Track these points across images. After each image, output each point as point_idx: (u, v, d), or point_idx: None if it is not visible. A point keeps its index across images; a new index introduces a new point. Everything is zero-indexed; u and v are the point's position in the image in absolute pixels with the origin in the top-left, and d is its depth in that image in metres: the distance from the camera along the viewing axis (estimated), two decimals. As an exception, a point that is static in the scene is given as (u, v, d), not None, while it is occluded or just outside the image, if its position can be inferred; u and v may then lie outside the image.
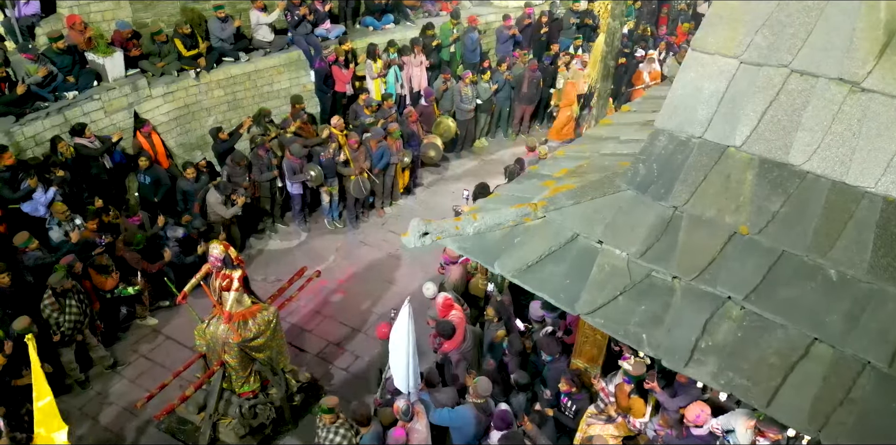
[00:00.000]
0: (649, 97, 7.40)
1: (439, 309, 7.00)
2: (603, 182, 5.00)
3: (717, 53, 4.74)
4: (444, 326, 6.80)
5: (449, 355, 6.88)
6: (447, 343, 6.85)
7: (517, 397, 6.45)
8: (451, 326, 6.78)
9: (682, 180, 4.64)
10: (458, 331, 6.79)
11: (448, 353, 6.87)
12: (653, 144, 4.86)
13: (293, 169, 9.78)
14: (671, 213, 4.60)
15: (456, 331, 6.77)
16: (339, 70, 11.33)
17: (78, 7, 9.26)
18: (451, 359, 6.84)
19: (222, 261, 6.53)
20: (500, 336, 6.89)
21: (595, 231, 4.67)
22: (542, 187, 5.45)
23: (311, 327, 8.74)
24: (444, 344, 6.90)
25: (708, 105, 4.70)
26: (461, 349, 6.86)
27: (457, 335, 6.78)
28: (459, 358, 6.84)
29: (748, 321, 4.01)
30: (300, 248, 10.25)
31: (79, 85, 8.92)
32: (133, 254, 8.02)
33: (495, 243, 4.85)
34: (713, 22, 4.85)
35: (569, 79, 12.25)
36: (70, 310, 7.19)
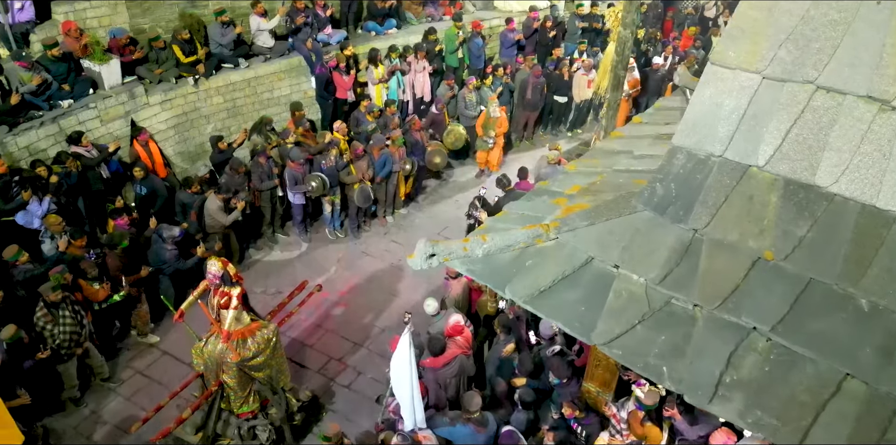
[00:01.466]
0: (662, 108, 7.19)
1: (446, 329, 6.79)
2: (618, 202, 4.79)
3: (738, 68, 4.54)
4: (435, 343, 6.60)
5: (423, 371, 6.66)
6: (430, 359, 6.65)
7: (517, 415, 6.25)
8: (441, 344, 6.59)
9: (702, 202, 4.43)
10: (445, 353, 6.59)
11: (424, 368, 6.67)
12: (670, 163, 4.65)
13: (295, 179, 9.56)
14: (691, 236, 4.39)
15: (444, 352, 6.58)
16: (340, 76, 11.11)
17: (73, 13, 9.02)
18: (424, 376, 6.64)
19: (220, 278, 6.32)
20: (510, 351, 6.68)
21: (611, 255, 4.47)
22: (553, 206, 5.24)
23: (312, 341, 8.52)
24: (428, 359, 6.69)
25: (728, 122, 4.50)
26: (439, 371, 6.65)
27: (443, 356, 6.58)
28: (433, 380, 6.67)
29: (775, 354, 3.80)
30: (301, 259, 10.03)
31: (74, 93, 8.69)
32: (114, 260, 7.72)
33: (506, 265, 4.64)
34: (734, 35, 4.64)
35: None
36: (64, 321, 6.96)
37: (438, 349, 6.58)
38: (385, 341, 8.53)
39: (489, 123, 11.46)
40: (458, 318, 6.85)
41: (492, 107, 11.32)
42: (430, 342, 6.63)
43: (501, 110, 11.53)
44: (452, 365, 6.64)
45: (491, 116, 11.41)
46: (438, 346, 6.57)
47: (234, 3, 10.80)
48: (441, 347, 6.57)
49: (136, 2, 9.71)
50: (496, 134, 11.57)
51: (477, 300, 7.86)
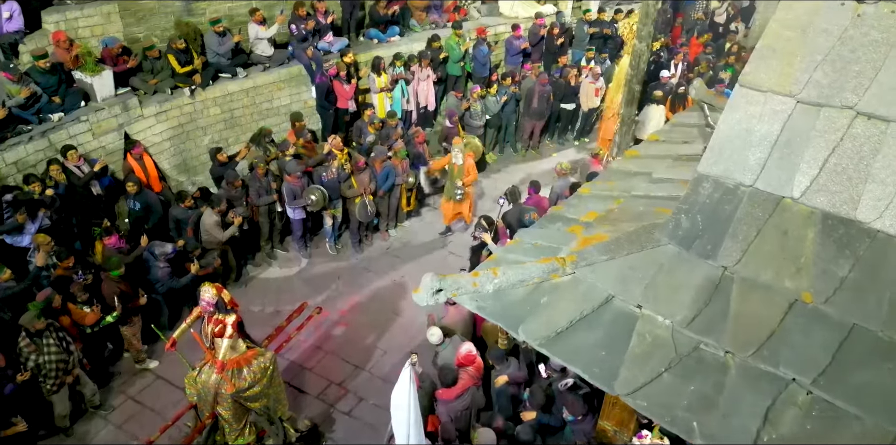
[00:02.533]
0: (678, 124, 6.85)
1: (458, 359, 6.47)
2: (640, 234, 4.45)
3: (770, 91, 4.20)
4: (448, 374, 6.30)
5: (436, 404, 6.42)
6: (443, 391, 6.34)
7: None
8: (454, 375, 6.28)
9: (732, 236, 4.09)
10: (458, 385, 6.28)
11: (437, 401, 6.41)
12: (696, 192, 4.31)
13: (293, 193, 9.23)
14: (720, 274, 4.06)
15: (456, 383, 6.26)
16: (341, 85, 10.78)
17: (65, 22, 8.71)
18: (437, 409, 6.38)
19: (215, 305, 6.03)
20: (501, 382, 6.38)
21: (633, 293, 4.13)
22: (568, 235, 4.91)
23: (312, 364, 8.19)
24: (440, 390, 6.38)
25: (759, 149, 4.16)
26: (452, 404, 6.34)
27: (456, 388, 6.27)
28: (445, 413, 6.38)
29: (817, 409, 3.46)
30: (301, 275, 9.70)
31: (65, 106, 8.38)
32: (111, 285, 7.37)
33: (519, 303, 4.31)
34: (765, 55, 4.31)
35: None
36: (49, 350, 6.63)
37: (451, 380, 6.26)
38: (388, 363, 8.23)
39: (454, 172, 9.83)
40: (470, 347, 6.52)
41: (455, 151, 9.68)
42: (442, 372, 6.31)
43: (468, 156, 9.92)
44: (465, 397, 6.33)
45: (454, 162, 9.79)
46: (451, 377, 6.25)
47: (232, 11, 10.49)
48: (453, 378, 6.25)
49: (130, 10, 9.39)
50: (464, 184, 9.95)
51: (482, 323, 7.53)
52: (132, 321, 7.72)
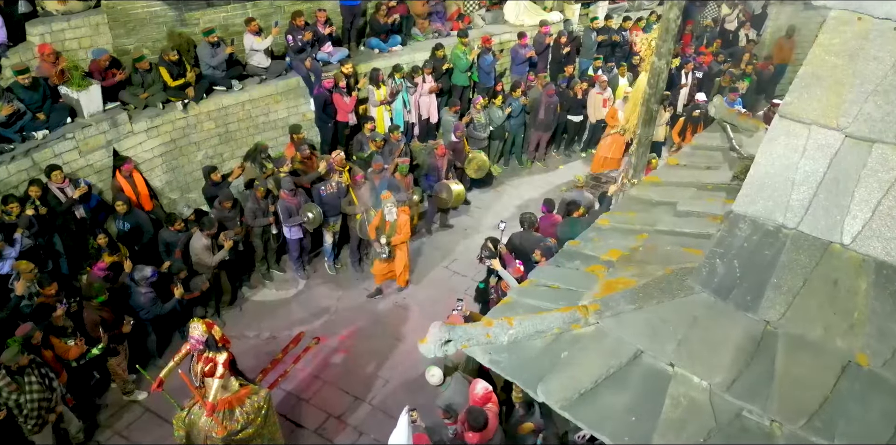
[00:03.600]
0: (699, 147, 6.44)
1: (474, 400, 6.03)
2: (670, 280, 4.03)
3: (815, 123, 3.78)
4: (478, 416, 5.80)
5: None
6: (472, 435, 5.90)
7: None
8: (485, 417, 5.81)
9: (775, 286, 3.68)
10: (490, 426, 5.84)
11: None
12: (732, 234, 3.90)
13: (288, 211, 8.82)
14: (762, 329, 3.64)
15: (488, 425, 5.83)
16: (341, 98, 10.37)
17: (51, 34, 8.31)
18: None
19: (205, 343, 5.62)
20: (527, 430, 5.94)
21: (664, 349, 3.71)
22: (588, 276, 4.49)
23: (309, 395, 7.77)
24: (469, 434, 5.94)
25: (803, 188, 3.74)
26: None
27: (488, 430, 5.84)
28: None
29: (880, 492, 3.05)
30: (298, 298, 9.29)
31: (49, 123, 7.98)
32: (92, 315, 6.96)
33: (536, 357, 3.89)
34: (808, 83, 3.89)
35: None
36: (31, 388, 6.21)
37: (482, 423, 5.76)
38: (389, 394, 7.82)
39: (384, 228, 8.78)
40: (485, 384, 6.10)
41: (387, 207, 8.65)
42: (472, 416, 5.81)
43: (401, 211, 8.82)
44: (494, 440, 5.88)
45: (386, 219, 8.74)
46: (482, 420, 5.75)
47: (227, 21, 10.09)
48: (484, 420, 5.77)
49: (120, 21, 8.99)
50: (394, 241, 8.83)
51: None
52: (118, 349, 7.30)
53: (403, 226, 8.86)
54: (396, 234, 8.82)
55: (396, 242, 8.89)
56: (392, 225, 8.78)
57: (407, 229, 8.93)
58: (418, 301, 9.30)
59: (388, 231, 8.78)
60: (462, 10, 12.89)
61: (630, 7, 14.42)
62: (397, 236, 8.84)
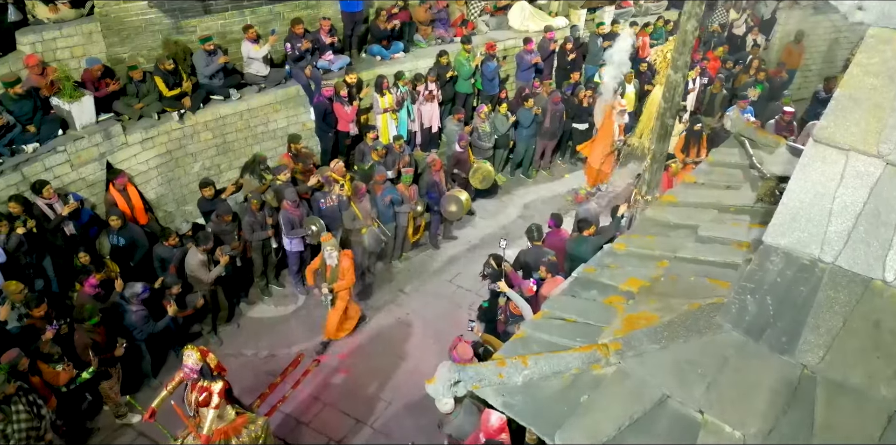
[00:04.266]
0: (716, 164, 6.16)
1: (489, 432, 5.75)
2: (696, 317, 3.76)
3: (853, 149, 3.50)
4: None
5: None
6: None
7: None
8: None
9: (812, 326, 3.40)
10: None
11: None
12: (763, 268, 3.62)
13: (290, 222, 8.56)
14: (799, 373, 3.37)
15: None
16: (342, 107, 10.10)
17: (42, 43, 8.05)
18: None
19: (199, 372, 5.35)
20: None
21: (692, 394, 3.44)
22: (606, 308, 4.22)
23: (309, 418, 7.49)
24: None
25: (841, 219, 3.47)
26: None
27: None
28: None
29: None
30: (297, 314, 9.02)
31: (40, 135, 7.72)
32: (82, 338, 6.69)
33: (554, 400, 3.62)
34: (845, 106, 3.61)
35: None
36: (18, 417, 5.94)
37: None
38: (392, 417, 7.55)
39: (324, 274, 7.98)
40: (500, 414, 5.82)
41: (328, 250, 7.84)
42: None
43: (344, 255, 7.98)
44: None
45: (327, 263, 7.92)
46: None
47: (225, 28, 9.83)
48: None
49: (114, 29, 8.72)
50: (336, 288, 7.98)
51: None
52: (110, 372, 7.03)
53: (347, 271, 7.92)
54: (339, 280, 7.93)
55: (340, 289, 7.98)
56: (333, 271, 7.91)
57: (350, 275, 7.99)
58: (422, 317, 9.03)
59: (330, 278, 7.94)
60: (465, 15, 12.63)
61: (637, 12, 14.16)
62: (340, 283, 7.93)
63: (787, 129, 10.56)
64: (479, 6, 12.83)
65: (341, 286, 7.95)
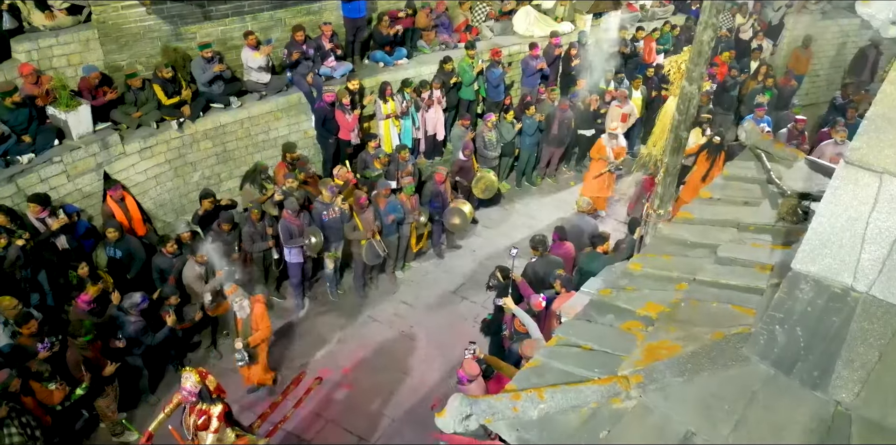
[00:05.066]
0: (732, 178, 5.97)
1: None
2: (721, 348, 3.57)
3: (887, 172, 3.33)
4: None
5: None
6: None
7: None
8: None
9: (846, 360, 3.22)
10: None
11: None
12: (792, 296, 3.43)
13: (290, 232, 8.38)
14: (833, 410, 3.18)
15: None
16: (343, 115, 9.91)
17: (38, 51, 7.88)
18: None
19: (198, 395, 5.17)
20: None
21: (719, 431, 3.25)
22: (624, 335, 4.03)
23: (310, 435, 7.31)
24: None
25: (875, 246, 3.28)
26: None
27: None
28: None
29: None
30: (298, 327, 8.83)
31: (36, 146, 7.54)
32: (74, 355, 6.49)
33: (571, 436, 3.42)
34: (879, 126, 3.42)
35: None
36: (12, 441, 5.78)
37: None
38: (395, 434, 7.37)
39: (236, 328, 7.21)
40: None
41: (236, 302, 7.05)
42: None
43: (255, 301, 7.16)
44: None
45: (238, 316, 7.11)
46: None
47: (225, 35, 9.65)
48: None
49: (112, 36, 8.54)
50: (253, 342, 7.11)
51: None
52: (106, 391, 6.85)
53: (260, 319, 7.13)
54: (252, 331, 7.12)
55: (256, 341, 7.15)
56: (245, 322, 7.11)
57: (266, 323, 7.18)
58: (426, 329, 8.85)
59: (242, 331, 7.13)
60: (470, 21, 12.45)
61: (643, 17, 13.98)
62: (256, 335, 7.13)
63: (798, 137, 10.38)
64: (484, 11, 12.66)
65: (258, 338, 7.13)
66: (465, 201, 9.87)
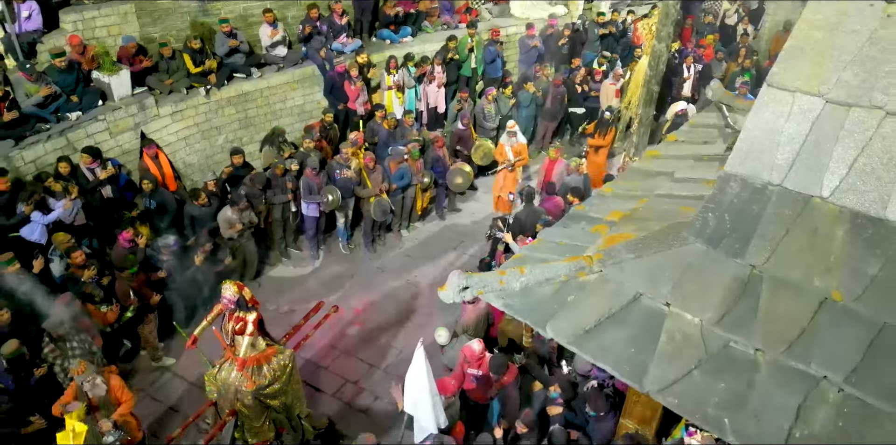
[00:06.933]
0: (697, 125, 6.87)
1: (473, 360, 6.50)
2: (666, 233, 4.46)
3: (798, 91, 4.21)
4: (499, 360, 6.42)
5: (507, 390, 6.50)
6: (507, 376, 6.47)
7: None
8: (503, 359, 6.44)
9: (761, 235, 4.10)
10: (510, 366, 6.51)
11: (506, 388, 6.50)
12: (723, 191, 4.33)
13: (310, 188, 9.24)
14: (749, 272, 4.07)
15: (509, 366, 6.47)
16: (349, 85, 10.79)
17: (82, 22, 8.75)
18: (509, 395, 6.49)
19: (236, 303, 6.04)
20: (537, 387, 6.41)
21: (661, 291, 4.14)
22: (593, 234, 4.92)
23: (327, 363, 8.22)
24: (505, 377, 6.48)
25: (788, 149, 4.17)
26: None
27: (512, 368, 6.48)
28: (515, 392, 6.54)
29: (849, 407, 3.47)
30: (314, 275, 9.72)
31: (82, 105, 8.42)
32: (123, 286, 7.37)
33: (546, 301, 4.33)
34: (793, 55, 4.32)
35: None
36: (73, 353, 6.68)
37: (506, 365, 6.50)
38: (403, 362, 8.22)
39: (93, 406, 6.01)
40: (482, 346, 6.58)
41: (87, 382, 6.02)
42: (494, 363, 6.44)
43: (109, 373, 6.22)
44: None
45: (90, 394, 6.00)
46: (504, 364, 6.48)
47: (247, 12, 10.53)
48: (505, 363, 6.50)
49: (146, 10, 9.43)
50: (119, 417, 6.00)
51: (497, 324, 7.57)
52: (148, 318, 7.75)
53: (121, 391, 6.25)
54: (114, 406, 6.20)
55: (125, 414, 6.17)
56: (102, 401, 6.12)
57: (127, 394, 6.30)
58: (429, 279, 9.70)
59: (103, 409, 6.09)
60: (469, 3, 13.30)
61: (632, 2, 14.80)
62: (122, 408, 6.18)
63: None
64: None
65: (125, 411, 6.19)
66: (465, 163, 10.74)
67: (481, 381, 6.59)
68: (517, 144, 10.66)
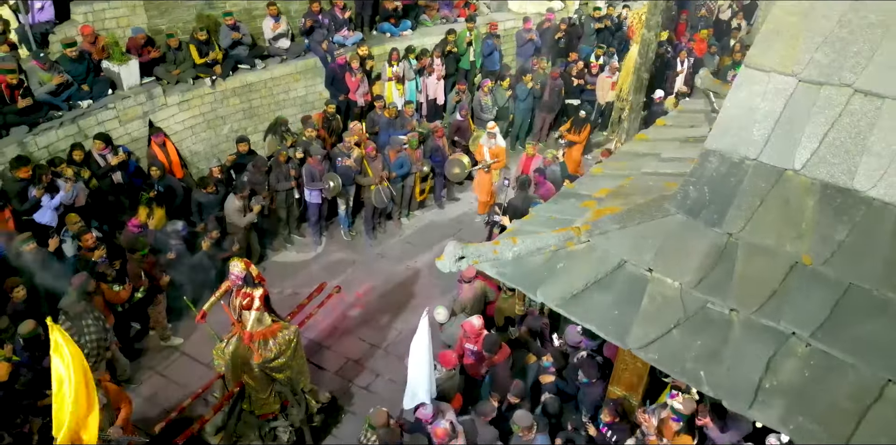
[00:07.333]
0: (685, 111, 7.15)
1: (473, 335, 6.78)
2: (650, 205, 4.75)
3: (773, 71, 4.49)
4: (492, 339, 6.71)
5: (498, 368, 6.77)
6: (498, 355, 6.74)
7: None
8: (496, 338, 6.72)
9: (737, 206, 4.39)
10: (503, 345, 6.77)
11: (497, 366, 6.77)
12: (703, 166, 4.61)
13: (312, 175, 9.52)
14: (725, 240, 4.35)
15: (502, 345, 6.73)
16: (350, 76, 11.06)
17: (92, 14, 9.04)
18: (499, 372, 6.76)
19: (243, 279, 6.32)
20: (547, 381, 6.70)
21: (644, 258, 4.43)
22: (582, 209, 5.20)
23: (330, 343, 8.50)
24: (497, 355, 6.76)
25: (763, 125, 4.46)
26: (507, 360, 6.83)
27: (504, 347, 6.74)
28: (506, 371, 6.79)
29: (815, 359, 3.76)
30: (317, 260, 10.02)
31: (93, 93, 8.70)
32: (134, 268, 7.66)
33: (536, 268, 4.61)
34: (769, 37, 4.60)
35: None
36: (89, 330, 6.94)
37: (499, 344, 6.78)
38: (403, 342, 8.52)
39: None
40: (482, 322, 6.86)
41: None
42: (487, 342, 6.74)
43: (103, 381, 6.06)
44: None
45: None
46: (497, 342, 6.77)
47: (251, 5, 10.80)
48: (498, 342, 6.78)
49: (154, 3, 9.72)
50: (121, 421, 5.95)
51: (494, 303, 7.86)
52: (158, 299, 8.03)
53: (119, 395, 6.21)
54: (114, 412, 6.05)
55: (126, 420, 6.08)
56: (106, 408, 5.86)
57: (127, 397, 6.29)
58: (428, 265, 9.96)
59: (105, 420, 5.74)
60: (468, -3, 13.58)
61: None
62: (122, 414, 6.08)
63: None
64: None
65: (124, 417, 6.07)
66: (463, 154, 11.02)
67: (476, 356, 6.88)
68: (496, 147, 10.71)
